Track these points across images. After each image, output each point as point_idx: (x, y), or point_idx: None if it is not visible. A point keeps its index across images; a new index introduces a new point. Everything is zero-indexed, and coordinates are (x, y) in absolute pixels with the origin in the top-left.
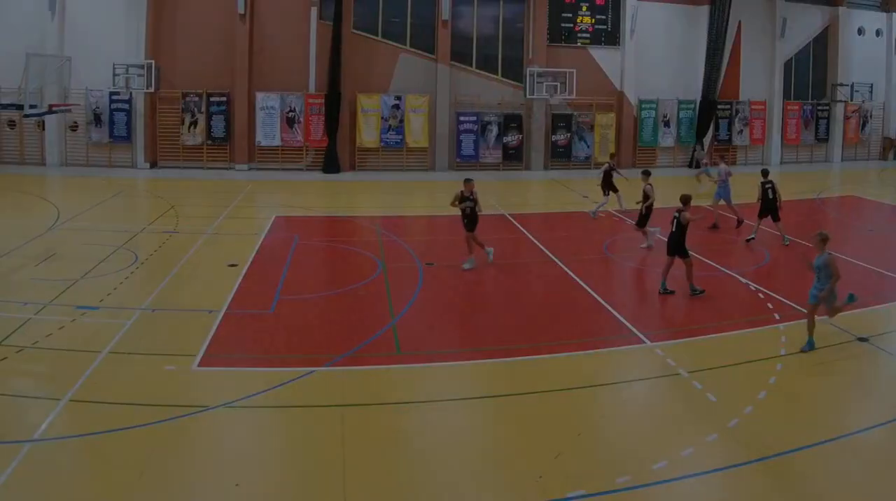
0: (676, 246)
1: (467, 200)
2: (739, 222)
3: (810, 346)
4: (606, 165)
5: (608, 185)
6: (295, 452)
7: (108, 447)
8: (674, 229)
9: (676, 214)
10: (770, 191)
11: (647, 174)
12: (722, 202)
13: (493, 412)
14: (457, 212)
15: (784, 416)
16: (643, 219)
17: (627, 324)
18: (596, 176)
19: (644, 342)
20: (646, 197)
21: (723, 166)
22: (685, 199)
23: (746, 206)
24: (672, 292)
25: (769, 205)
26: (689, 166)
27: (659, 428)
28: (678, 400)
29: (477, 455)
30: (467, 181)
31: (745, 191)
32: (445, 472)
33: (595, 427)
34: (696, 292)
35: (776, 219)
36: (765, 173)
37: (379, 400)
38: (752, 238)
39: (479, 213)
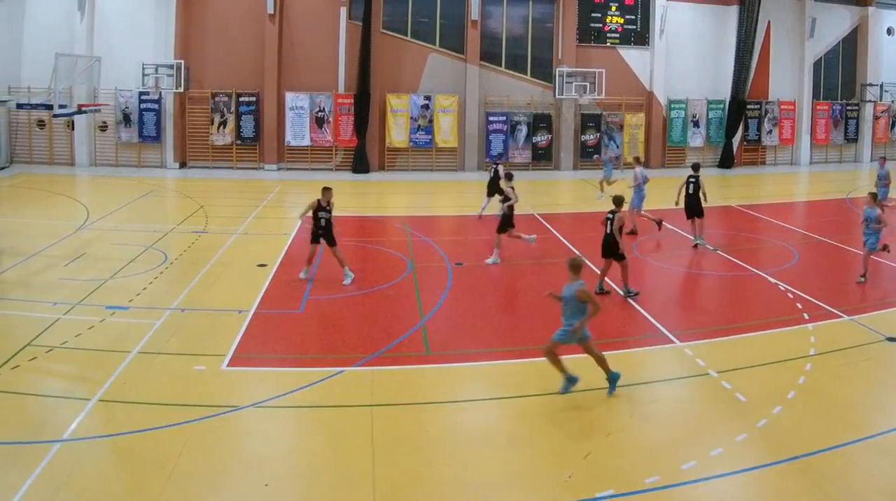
0: (609, 247)
1: (323, 210)
2: (659, 223)
3: (570, 384)
4: (494, 168)
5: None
6: (324, 452)
7: (137, 447)
8: (608, 231)
9: (610, 215)
10: (693, 186)
11: (509, 177)
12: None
13: (523, 412)
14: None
15: (813, 416)
16: (505, 223)
17: (657, 324)
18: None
19: (673, 342)
20: (506, 198)
21: (638, 170)
22: (618, 201)
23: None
24: (607, 293)
25: (693, 202)
26: (719, 166)
27: (688, 428)
28: (707, 400)
29: (506, 455)
30: (325, 190)
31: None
32: (474, 472)
33: (624, 427)
34: (631, 294)
35: (700, 215)
36: (695, 167)
37: (408, 400)
38: (697, 244)
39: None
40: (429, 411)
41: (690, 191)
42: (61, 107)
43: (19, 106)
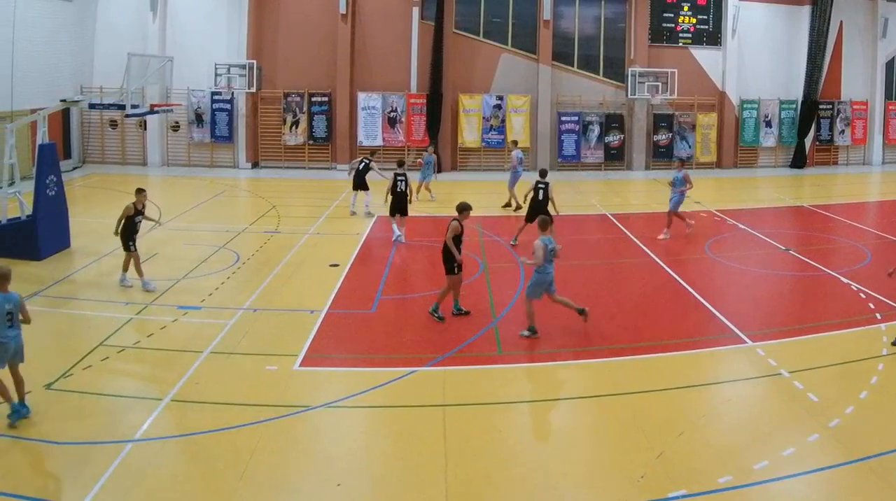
0: (445, 257)
1: (140, 214)
2: (511, 205)
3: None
4: (364, 161)
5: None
6: (396, 452)
7: (209, 447)
8: (539, 197)
9: (454, 221)
10: (542, 192)
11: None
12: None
13: (595, 412)
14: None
15: (886, 416)
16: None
17: (729, 324)
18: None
19: (745, 342)
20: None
21: (515, 152)
22: (460, 208)
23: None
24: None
25: (539, 208)
26: (791, 166)
27: (760, 428)
28: (779, 400)
29: (578, 455)
30: (139, 191)
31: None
32: (546, 472)
33: (697, 427)
34: (436, 316)
35: (530, 221)
36: (542, 173)
37: (480, 400)
38: (515, 243)
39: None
40: (501, 411)
41: (540, 198)
42: (134, 107)
43: (92, 106)
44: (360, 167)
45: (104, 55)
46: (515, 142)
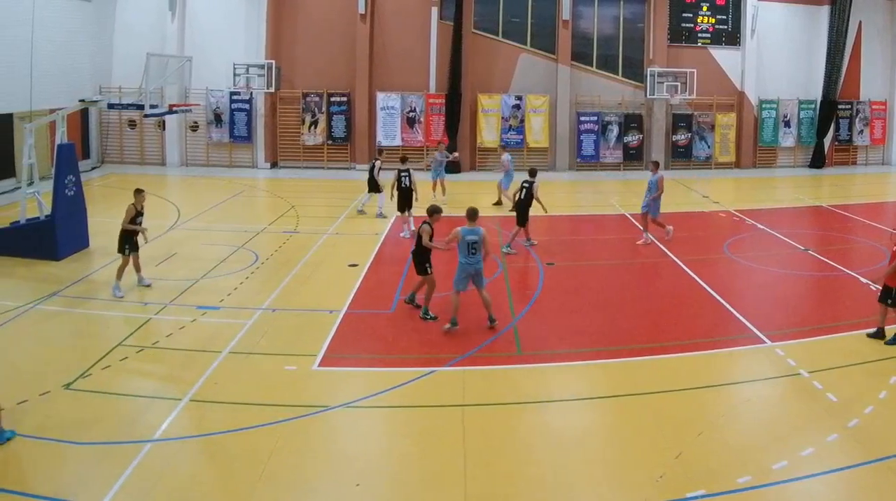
0: (417, 259)
1: (140, 215)
2: (502, 203)
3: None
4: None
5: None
6: (415, 452)
7: (228, 447)
8: (522, 197)
9: (425, 224)
10: (526, 191)
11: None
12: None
13: (614, 412)
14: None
15: None
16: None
17: (748, 324)
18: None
19: (764, 342)
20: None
21: (507, 156)
22: (431, 211)
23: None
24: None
25: (523, 207)
26: (810, 166)
27: (779, 428)
28: (798, 400)
29: (597, 455)
30: (138, 192)
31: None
32: (565, 472)
33: (715, 427)
34: (427, 317)
35: (522, 223)
36: (531, 172)
37: (499, 400)
38: (509, 251)
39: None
40: (520, 411)
41: (523, 197)
42: (152, 107)
43: (110, 106)
44: (371, 169)
45: (123, 55)
46: (504, 146)
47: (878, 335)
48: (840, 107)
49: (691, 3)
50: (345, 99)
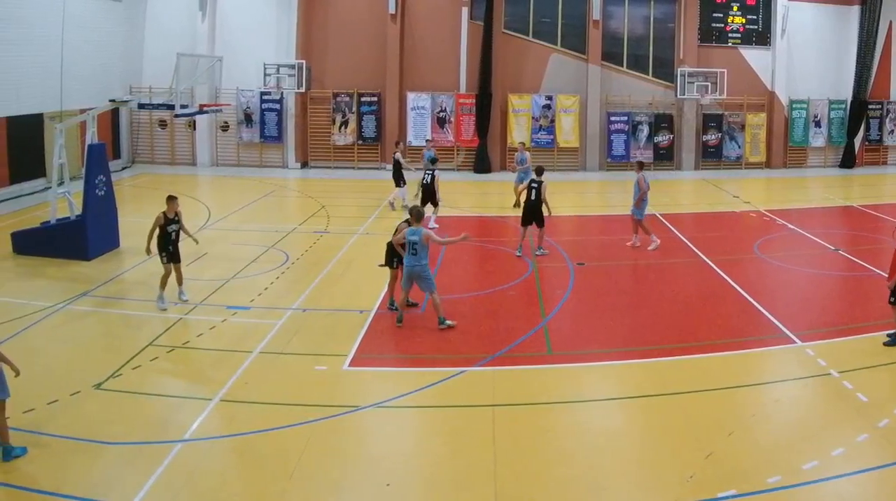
0: (536, 213)
1: (173, 222)
2: (518, 205)
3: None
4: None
5: (399, 176)
6: (446, 452)
7: (258, 447)
8: (532, 198)
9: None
10: (535, 191)
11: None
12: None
13: (644, 412)
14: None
15: None
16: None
17: (778, 324)
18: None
19: (795, 342)
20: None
21: (525, 154)
22: (539, 171)
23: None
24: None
25: (532, 209)
26: (840, 166)
27: (809, 428)
28: (829, 400)
29: (627, 455)
30: (171, 199)
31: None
32: (596, 472)
33: (746, 427)
34: (395, 309)
35: (540, 225)
36: (538, 171)
37: (530, 400)
38: (520, 254)
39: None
40: (551, 411)
41: (532, 198)
42: (183, 107)
43: (141, 106)
44: (394, 163)
45: (153, 55)
46: (523, 144)
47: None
48: (870, 107)
49: (722, 3)
50: (375, 99)
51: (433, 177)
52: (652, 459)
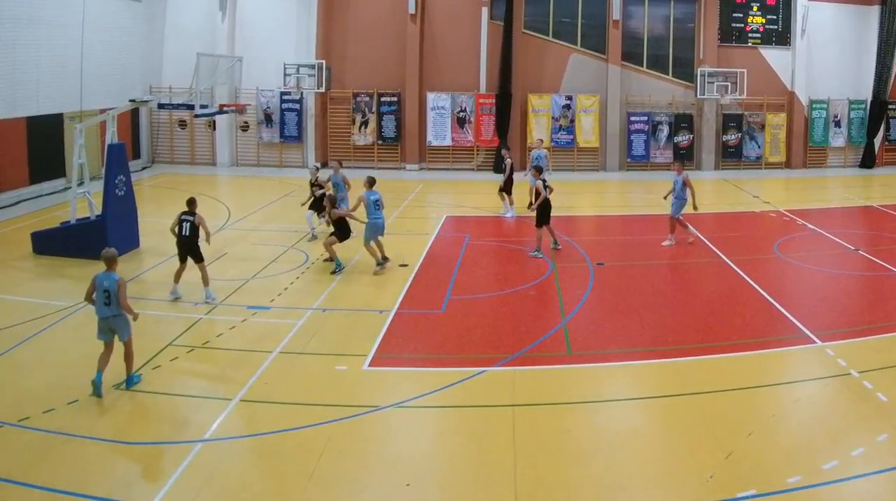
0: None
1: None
2: (530, 205)
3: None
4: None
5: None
6: (466, 452)
7: (278, 447)
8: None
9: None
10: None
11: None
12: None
13: (664, 412)
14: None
15: None
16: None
17: (798, 324)
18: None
19: (815, 342)
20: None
21: (542, 151)
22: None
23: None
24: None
25: (546, 209)
26: (860, 166)
27: (829, 428)
28: (849, 400)
29: (647, 455)
30: (191, 201)
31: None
32: (616, 472)
33: (766, 426)
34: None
35: (547, 222)
36: (538, 169)
37: (550, 401)
38: (557, 247)
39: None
40: (571, 411)
41: (548, 196)
42: (203, 107)
43: (161, 106)
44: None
45: (173, 55)
46: (541, 140)
47: None
48: (890, 107)
49: (741, 4)
50: (395, 99)
51: (509, 167)
52: (671, 459)
